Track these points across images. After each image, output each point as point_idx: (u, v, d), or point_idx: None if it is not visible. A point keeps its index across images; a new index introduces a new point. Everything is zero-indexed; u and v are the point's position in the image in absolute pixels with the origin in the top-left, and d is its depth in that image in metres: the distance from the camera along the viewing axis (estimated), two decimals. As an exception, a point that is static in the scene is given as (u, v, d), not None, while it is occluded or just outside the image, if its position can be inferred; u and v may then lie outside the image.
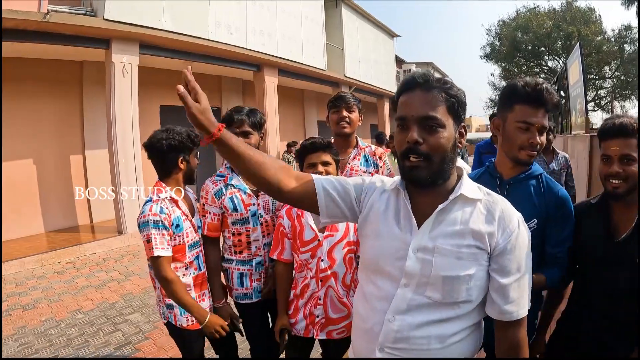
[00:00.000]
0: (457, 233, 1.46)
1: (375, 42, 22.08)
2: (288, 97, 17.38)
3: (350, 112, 3.18)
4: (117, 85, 9.34)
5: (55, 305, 5.84)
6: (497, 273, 1.46)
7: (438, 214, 1.47)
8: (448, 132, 1.44)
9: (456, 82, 1.51)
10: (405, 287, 1.47)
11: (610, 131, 1.92)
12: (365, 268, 1.65)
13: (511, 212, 1.51)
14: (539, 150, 2.10)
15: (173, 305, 2.69)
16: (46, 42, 8.42)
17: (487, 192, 1.56)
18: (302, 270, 2.65)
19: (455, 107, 1.47)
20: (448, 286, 1.43)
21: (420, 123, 1.43)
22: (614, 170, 1.89)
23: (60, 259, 7.99)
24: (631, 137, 1.86)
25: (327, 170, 2.58)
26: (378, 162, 3.27)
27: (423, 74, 1.49)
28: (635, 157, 1.85)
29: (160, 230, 2.60)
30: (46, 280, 7.05)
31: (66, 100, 10.47)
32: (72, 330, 5.00)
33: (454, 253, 1.44)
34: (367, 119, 25.07)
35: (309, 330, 2.63)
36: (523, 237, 1.49)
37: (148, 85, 11.20)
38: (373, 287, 1.57)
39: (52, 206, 10.07)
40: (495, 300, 1.48)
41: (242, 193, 2.86)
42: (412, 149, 1.43)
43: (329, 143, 2.65)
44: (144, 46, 9.94)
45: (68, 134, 10.50)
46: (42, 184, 9.97)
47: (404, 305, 1.47)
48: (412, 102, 1.46)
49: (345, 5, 18.72)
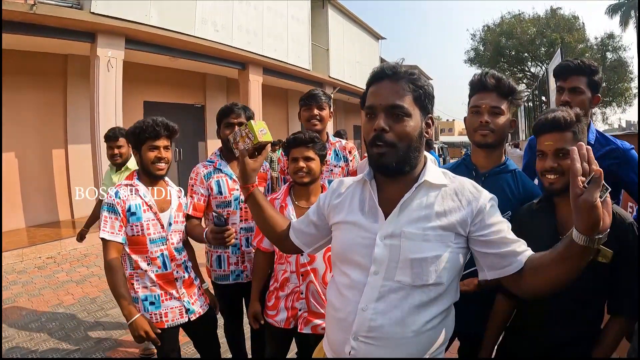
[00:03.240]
0: (422, 217, 1.50)
1: (361, 43, 22.17)
2: (272, 96, 17.38)
3: (321, 110, 3.28)
4: (102, 79, 9.29)
5: (36, 300, 5.81)
6: (489, 234, 1.49)
7: (404, 202, 1.51)
8: (414, 121, 1.49)
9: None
10: (375, 274, 1.50)
11: (543, 126, 1.94)
12: (335, 260, 1.69)
13: (479, 188, 1.57)
14: (494, 129, 2.21)
15: (137, 298, 2.69)
16: (31, 34, 8.34)
17: (453, 177, 1.61)
18: (283, 263, 2.68)
19: (422, 98, 1.52)
20: (417, 268, 1.45)
21: (387, 111, 1.48)
22: (548, 165, 1.90)
23: (41, 253, 7.94)
24: (565, 131, 1.88)
25: (308, 166, 2.62)
26: (348, 156, 3.42)
27: (391, 65, 1.54)
28: (569, 150, 1.85)
29: (111, 214, 2.63)
30: (27, 274, 7.01)
31: (49, 93, 10.35)
32: (53, 324, 4.99)
33: (420, 236, 1.47)
34: (351, 119, 25.17)
35: (289, 322, 2.67)
36: (495, 208, 1.54)
37: (132, 81, 11.13)
38: (344, 278, 1.60)
39: (33, 201, 9.96)
40: (509, 250, 1.47)
41: (229, 178, 3.04)
42: (379, 136, 1.47)
43: (312, 138, 2.69)
44: (130, 41, 9.90)
45: (51, 127, 10.39)
46: (24, 178, 9.85)
47: (376, 293, 1.49)
48: (380, 91, 1.52)
49: (331, 6, 18.77)
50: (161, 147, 2.73)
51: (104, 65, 9.30)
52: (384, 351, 1.48)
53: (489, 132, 2.22)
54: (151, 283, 2.70)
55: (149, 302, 2.69)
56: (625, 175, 2.45)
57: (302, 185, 2.67)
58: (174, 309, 2.75)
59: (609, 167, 2.41)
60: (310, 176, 2.64)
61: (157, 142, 2.72)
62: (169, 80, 13.23)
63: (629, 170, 2.44)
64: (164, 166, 2.78)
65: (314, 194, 2.71)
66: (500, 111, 2.21)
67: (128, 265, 2.72)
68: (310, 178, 2.64)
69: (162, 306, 2.71)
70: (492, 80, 2.22)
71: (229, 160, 3.11)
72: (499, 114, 2.22)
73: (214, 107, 14.85)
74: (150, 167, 2.74)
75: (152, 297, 2.70)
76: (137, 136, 2.71)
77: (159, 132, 2.71)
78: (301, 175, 2.62)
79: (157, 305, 2.70)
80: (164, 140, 2.75)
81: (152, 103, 12.64)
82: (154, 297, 2.70)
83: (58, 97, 10.56)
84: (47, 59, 10.20)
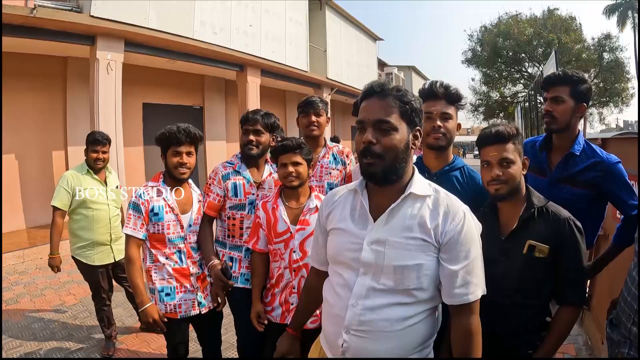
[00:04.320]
0: (406, 227, 1.63)
1: (358, 44, 22.21)
2: (270, 98, 17.44)
3: (319, 117, 3.36)
4: (101, 82, 9.34)
5: (38, 300, 5.90)
6: (447, 261, 1.62)
7: (391, 211, 1.66)
8: (400, 134, 1.62)
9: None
10: (364, 275, 1.66)
11: (487, 139, 2.15)
12: (330, 261, 1.86)
13: (456, 205, 1.68)
14: (445, 133, 2.42)
15: (154, 290, 2.92)
16: (32, 37, 8.39)
17: (436, 189, 1.73)
18: (277, 260, 2.84)
19: (409, 112, 1.64)
20: (399, 275, 1.60)
21: (375, 126, 1.62)
22: (494, 173, 2.09)
23: (42, 254, 7.97)
24: (507, 142, 2.09)
25: (297, 170, 2.76)
26: (345, 159, 3.51)
27: (380, 83, 1.68)
28: (512, 159, 2.08)
29: (135, 212, 2.88)
30: (28, 275, 7.10)
31: (49, 95, 10.41)
32: (55, 324, 5.08)
33: (402, 245, 1.61)
34: (348, 120, 25.23)
35: (284, 317, 2.81)
36: (470, 227, 1.65)
37: (132, 83, 11.20)
38: (337, 277, 1.77)
39: (33, 202, 9.98)
40: (445, 286, 1.63)
41: (246, 182, 3.11)
42: (367, 149, 1.61)
43: (299, 144, 2.82)
44: (129, 43, 9.96)
45: (51, 129, 10.44)
46: (24, 180, 9.90)
47: (364, 291, 1.65)
48: (369, 107, 1.66)
49: (329, 8, 18.83)
50: (184, 153, 2.94)
51: (103, 68, 9.36)
52: (372, 343, 1.64)
53: (441, 135, 2.42)
54: (168, 276, 2.93)
55: (165, 294, 2.92)
56: (609, 189, 2.55)
57: (292, 188, 2.82)
58: (187, 301, 2.96)
59: (593, 179, 2.56)
60: (299, 179, 2.79)
61: (180, 148, 2.93)
62: (168, 82, 13.29)
63: (612, 185, 2.53)
64: (186, 171, 2.98)
65: (302, 195, 2.88)
66: (449, 116, 2.43)
67: (148, 258, 2.96)
68: (299, 181, 2.80)
69: (176, 298, 2.93)
70: (441, 89, 2.43)
71: (248, 165, 3.18)
72: (449, 118, 2.43)
73: (212, 108, 14.94)
74: (173, 171, 2.95)
75: (168, 288, 2.92)
76: (162, 142, 2.94)
77: (181, 139, 2.90)
78: (291, 179, 2.77)
79: (172, 297, 2.92)
80: (186, 147, 2.95)
81: (151, 105, 12.71)
82: (170, 289, 2.92)
83: (58, 99, 10.61)
84: (47, 61, 10.26)
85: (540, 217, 2.09)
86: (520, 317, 2.09)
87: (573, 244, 2.03)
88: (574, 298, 2.06)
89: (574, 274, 2.05)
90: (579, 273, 2.05)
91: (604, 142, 4.55)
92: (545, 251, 2.01)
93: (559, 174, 2.64)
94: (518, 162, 2.11)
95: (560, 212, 2.09)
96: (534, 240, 2.05)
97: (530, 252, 2.05)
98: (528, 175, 2.71)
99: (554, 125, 2.63)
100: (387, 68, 31.12)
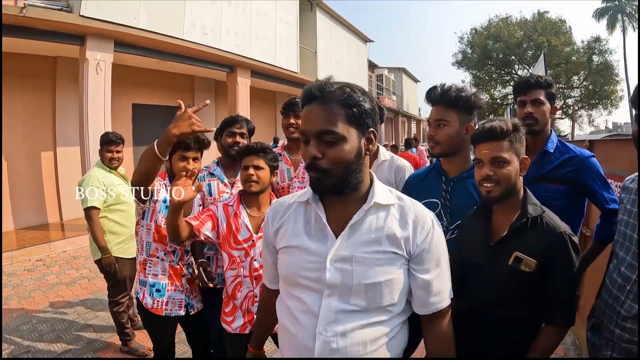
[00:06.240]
0: (373, 240, 1.46)
1: (349, 46, 22.32)
2: (260, 99, 17.46)
3: (298, 119, 3.34)
4: (91, 82, 9.33)
5: (26, 302, 5.86)
6: (419, 272, 1.50)
7: (353, 224, 1.47)
8: (349, 144, 1.41)
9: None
10: (329, 297, 1.46)
11: (480, 136, 1.99)
12: (284, 283, 1.62)
13: (424, 214, 1.54)
14: (438, 141, 2.38)
15: (146, 282, 2.92)
16: (21, 37, 8.38)
17: (399, 196, 1.57)
18: (235, 268, 2.73)
19: (357, 116, 1.43)
20: (370, 293, 1.44)
21: (318, 138, 1.41)
22: (484, 172, 1.94)
23: (30, 256, 7.95)
24: (501, 140, 1.92)
25: (257, 174, 2.67)
26: None
27: (319, 86, 1.45)
28: (506, 159, 1.91)
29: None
30: (16, 277, 7.03)
31: (38, 95, 10.36)
32: (44, 326, 5.04)
33: (371, 260, 1.44)
34: (340, 121, 25.26)
35: (245, 327, 2.71)
36: (438, 235, 1.54)
37: (121, 83, 11.17)
38: (296, 302, 1.53)
39: (22, 203, 9.95)
40: (420, 296, 1.52)
41: (220, 182, 3.17)
42: (312, 163, 1.42)
43: (264, 148, 2.75)
44: (119, 44, 9.94)
45: (39, 130, 10.39)
46: (13, 181, 9.84)
47: (332, 315, 1.44)
48: (310, 116, 1.44)
49: (319, 9, 18.91)
50: (190, 158, 2.91)
51: (93, 68, 9.34)
52: None
53: (434, 144, 2.39)
54: (162, 272, 2.93)
55: (155, 289, 2.91)
56: (584, 183, 2.59)
57: (251, 194, 2.73)
58: (175, 300, 2.94)
59: (568, 174, 2.59)
60: (259, 185, 2.69)
61: (187, 153, 2.90)
62: (158, 83, 13.28)
63: (587, 178, 2.58)
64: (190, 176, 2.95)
65: (263, 205, 2.80)
66: (444, 122, 2.35)
67: (144, 250, 2.95)
68: (259, 188, 2.70)
69: (165, 295, 2.92)
70: (437, 92, 2.36)
71: (227, 167, 3.22)
72: (443, 125, 2.35)
73: (202, 109, 14.88)
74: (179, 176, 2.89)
75: (160, 285, 2.91)
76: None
77: (190, 145, 2.88)
78: (250, 183, 2.67)
79: (162, 294, 2.91)
80: (193, 152, 2.92)
81: (140, 105, 12.70)
82: (161, 285, 2.92)
83: (47, 99, 10.57)
84: (36, 61, 10.22)
85: (534, 228, 1.91)
86: (501, 329, 1.95)
87: (566, 262, 1.85)
88: (562, 319, 1.88)
89: (564, 294, 1.87)
90: (569, 293, 1.88)
91: (592, 143, 4.59)
92: (532, 266, 1.86)
93: (535, 173, 2.66)
94: (514, 162, 1.93)
95: (556, 224, 1.90)
96: (521, 253, 1.88)
97: (517, 264, 1.89)
98: None
99: (537, 126, 2.67)
100: (377, 70, 31.24)
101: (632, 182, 1.93)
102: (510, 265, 1.90)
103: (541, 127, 2.69)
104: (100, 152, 4.63)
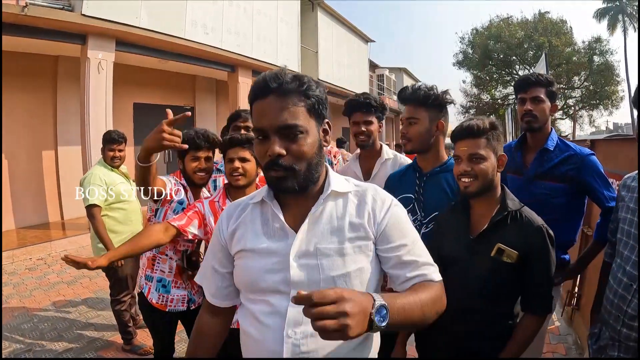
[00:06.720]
0: (335, 230, 1.40)
1: (350, 46, 22.25)
2: (262, 98, 17.40)
3: None
4: (92, 81, 9.31)
5: (28, 301, 5.86)
6: (389, 251, 1.41)
7: (312, 215, 1.39)
8: (311, 136, 1.34)
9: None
10: None
11: (459, 134, 2.09)
12: (245, 290, 1.49)
13: (383, 194, 1.48)
14: (410, 138, 2.47)
15: (152, 278, 2.97)
16: (23, 36, 8.37)
17: (356, 184, 1.50)
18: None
19: (316, 106, 1.36)
20: (341, 285, 1.34)
21: (280, 133, 1.30)
22: (462, 168, 2.03)
23: (31, 255, 7.96)
24: (478, 138, 2.02)
25: (243, 167, 2.63)
26: (333, 160, 3.54)
27: (275, 76, 1.34)
28: (483, 155, 2.01)
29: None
30: (18, 276, 7.05)
31: (39, 94, 10.35)
32: (45, 325, 5.05)
33: (337, 251, 1.37)
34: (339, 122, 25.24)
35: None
36: (399, 211, 1.46)
37: (122, 82, 11.16)
38: (261, 305, 1.41)
39: (23, 202, 9.95)
40: (400, 274, 1.41)
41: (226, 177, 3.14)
42: (275, 161, 1.31)
43: (249, 139, 2.66)
44: (120, 43, 9.93)
45: (41, 129, 10.38)
46: (14, 180, 9.83)
47: (300, 316, 1.30)
48: (268, 110, 1.32)
49: (321, 9, 18.86)
50: (202, 158, 2.92)
51: (94, 67, 9.33)
52: None
53: (406, 141, 2.48)
54: (169, 270, 2.98)
55: (162, 285, 2.97)
56: (584, 181, 2.59)
57: (238, 188, 2.66)
58: (179, 297, 3.01)
59: (568, 172, 2.61)
60: (246, 178, 2.65)
61: (199, 153, 2.90)
62: (159, 82, 13.26)
63: (587, 176, 2.59)
64: (205, 175, 2.97)
65: None
66: (414, 120, 2.44)
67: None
68: (246, 181, 2.65)
69: (171, 292, 2.98)
70: (408, 91, 2.45)
71: None
72: (413, 123, 2.44)
73: (203, 109, 14.93)
74: (193, 177, 2.94)
75: (166, 281, 2.97)
76: None
77: (200, 145, 2.88)
78: (236, 176, 2.62)
79: (167, 290, 2.97)
80: (205, 152, 2.92)
81: (142, 105, 12.68)
82: (167, 282, 2.97)
83: (48, 98, 10.56)
84: (37, 60, 10.21)
85: (514, 221, 2.01)
86: (483, 322, 2.02)
87: (543, 253, 1.97)
88: (540, 308, 2.01)
89: (542, 284, 1.99)
90: (547, 283, 1.99)
91: (593, 143, 4.60)
92: (514, 257, 1.94)
93: (535, 170, 2.68)
94: (491, 159, 2.02)
95: (533, 219, 2.01)
96: (503, 245, 1.97)
97: (499, 255, 1.97)
98: (507, 176, 2.77)
99: (536, 123, 2.69)
100: (378, 69, 31.20)
101: (633, 181, 1.93)
102: (492, 257, 1.98)
103: (540, 124, 2.70)
104: (102, 151, 4.65)
